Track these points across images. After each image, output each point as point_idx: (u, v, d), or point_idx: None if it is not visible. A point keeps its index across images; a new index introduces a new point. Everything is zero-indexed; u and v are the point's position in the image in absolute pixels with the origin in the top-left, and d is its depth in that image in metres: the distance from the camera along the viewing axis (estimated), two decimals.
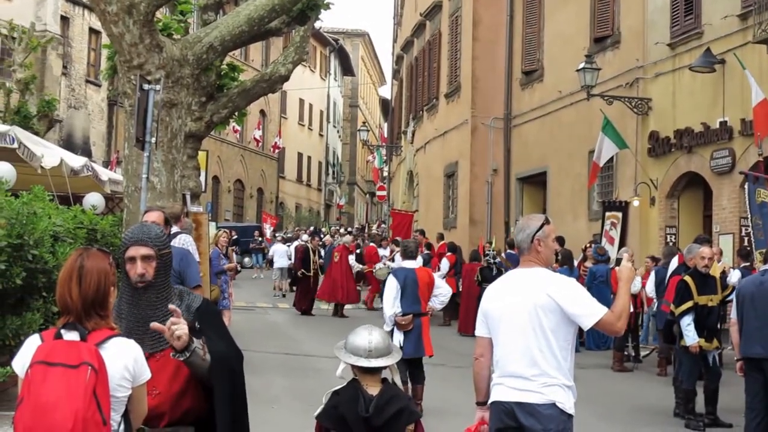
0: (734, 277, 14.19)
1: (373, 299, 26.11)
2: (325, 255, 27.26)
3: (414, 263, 11.65)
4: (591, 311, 5.20)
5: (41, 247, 8.72)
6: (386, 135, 57.31)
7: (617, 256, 17.54)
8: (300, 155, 67.11)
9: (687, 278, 11.25)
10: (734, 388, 10.96)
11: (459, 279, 21.61)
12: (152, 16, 11.83)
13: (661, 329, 14.18)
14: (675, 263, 13.83)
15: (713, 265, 13.12)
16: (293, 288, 31.27)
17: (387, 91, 71.72)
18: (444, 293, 11.70)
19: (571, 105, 23.97)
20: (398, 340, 10.79)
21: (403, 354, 10.40)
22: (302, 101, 65.50)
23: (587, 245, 19.75)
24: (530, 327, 5.20)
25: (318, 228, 49.32)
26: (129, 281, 4.24)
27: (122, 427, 3.77)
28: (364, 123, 68.76)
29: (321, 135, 71.30)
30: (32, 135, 17.73)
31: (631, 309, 14.10)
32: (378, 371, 5.11)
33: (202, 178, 18.66)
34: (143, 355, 3.85)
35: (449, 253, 22.73)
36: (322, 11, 14.19)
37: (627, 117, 21.20)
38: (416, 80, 37.34)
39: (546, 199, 26.33)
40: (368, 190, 76.99)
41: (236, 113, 14.23)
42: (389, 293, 11.22)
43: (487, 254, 20.80)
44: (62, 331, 3.70)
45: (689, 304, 11.02)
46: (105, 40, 16.37)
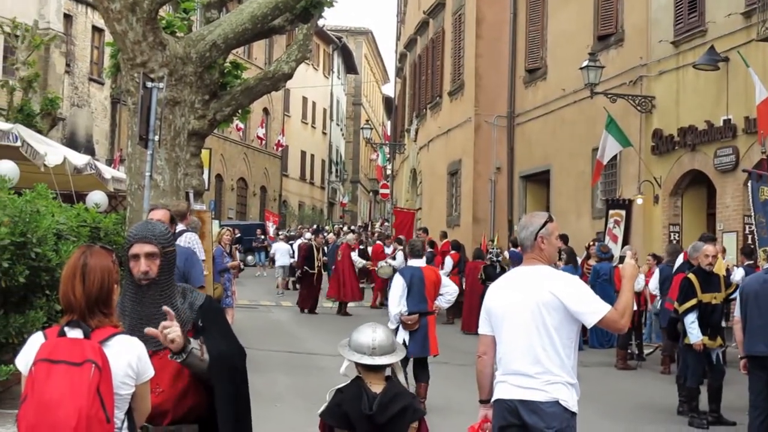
0: (738, 275, 14.18)
1: (377, 297, 26.11)
2: (329, 253, 27.24)
3: (421, 261, 11.64)
4: (594, 309, 5.19)
5: (44, 245, 8.72)
6: (389, 133, 57.32)
7: (620, 254, 17.53)
8: (303, 153, 67.11)
9: (691, 276, 11.23)
10: (738, 386, 10.96)
11: (462, 277, 21.58)
12: (155, 14, 11.84)
13: (665, 327, 14.16)
14: (681, 261, 13.82)
15: (719, 263, 13.13)
16: (296, 286, 31.36)
17: (390, 89, 71.83)
18: (451, 292, 11.68)
19: (575, 103, 23.94)
20: (403, 339, 10.78)
21: (409, 353, 10.44)
22: (305, 99, 65.52)
23: (590, 243, 19.75)
24: (533, 325, 5.19)
25: (321, 226, 49.35)
26: (132, 278, 4.22)
27: (126, 425, 3.76)
28: (368, 121, 68.74)
29: (324, 133, 71.32)
30: (35, 133, 17.71)
31: (635, 307, 14.10)
32: (382, 369, 5.10)
33: (206, 176, 18.71)
34: (147, 353, 3.84)
35: (453, 252, 22.71)
36: (326, 9, 14.20)
37: (630, 115, 21.17)
38: (419, 78, 37.30)
39: (549, 198, 26.30)
40: (371, 188, 77.00)
41: (239, 111, 14.26)
42: (395, 292, 11.21)
43: (491, 252, 20.78)
44: (66, 329, 3.68)
45: (693, 302, 11.01)
46: (108, 38, 16.40)
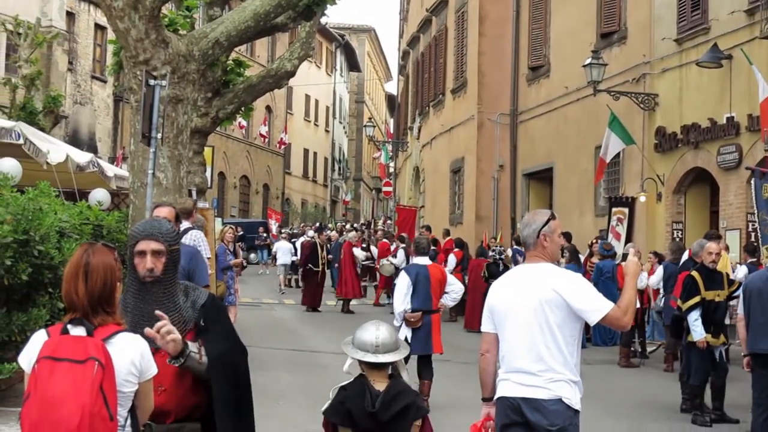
0: (741, 273, 14.17)
1: (380, 295, 26.12)
2: (332, 251, 27.25)
3: (426, 259, 11.62)
4: (597, 306, 5.18)
5: (47, 243, 8.72)
6: (392, 131, 57.26)
7: (623, 252, 17.52)
8: (306, 151, 67.12)
9: (694, 273, 11.23)
10: (741, 384, 10.96)
11: (465, 275, 21.57)
12: (158, 12, 11.83)
13: (668, 325, 14.16)
14: (685, 258, 13.83)
15: (724, 260, 13.12)
16: (298, 284, 31.37)
17: (393, 87, 71.71)
18: (456, 290, 11.66)
19: (578, 101, 23.93)
20: (406, 336, 10.77)
21: (412, 351, 10.41)
22: (308, 97, 65.51)
23: (593, 241, 19.72)
24: (536, 322, 5.19)
25: (323, 224, 49.34)
26: (136, 275, 4.21)
27: (129, 423, 3.76)
28: (370, 119, 68.58)
29: (327, 131, 71.31)
30: (38, 131, 17.71)
31: (638, 305, 14.11)
32: (385, 367, 5.09)
33: (208, 174, 18.64)
34: (150, 351, 3.84)
35: (456, 249, 22.71)
36: (328, 6, 14.16)
37: (634, 112, 21.15)
38: (422, 76, 37.29)
39: (552, 195, 26.30)
40: (374, 186, 76.97)
41: (242, 109, 14.24)
42: (400, 289, 11.21)
43: (494, 250, 20.76)
44: (69, 327, 3.68)
45: (696, 300, 11.00)
46: (111, 36, 16.40)
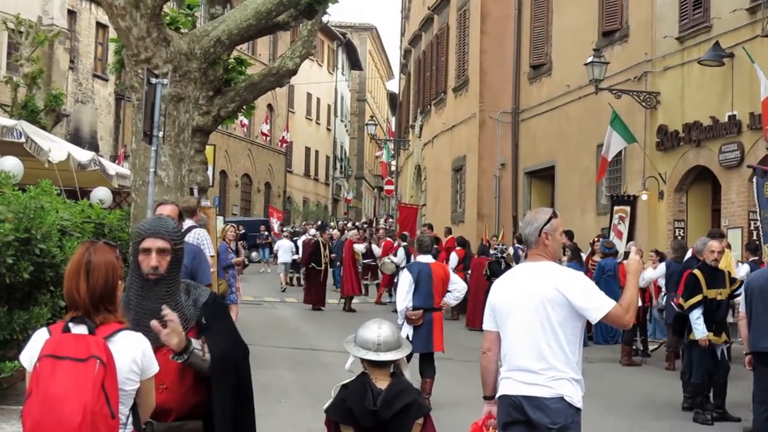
0: (743, 271, 14.15)
1: (382, 294, 26.12)
2: (335, 249, 27.27)
3: (429, 258, 11.61)
4: (599, 305, 5.18)
5: (49, 242, 8.72)
6: (394, 129, 57.26)
7: (625, 250, 17.51)
8: (308, 149, 67.13)
9: (696, 272, 11.22)
10: (743, 382, 10.94)
11: (468, 273, 21.56)
12: (159, 10, 11.83)
13: (671, 323, 14.16)
14: (690, 256, 13.82)
15: (728, 258, 13.09)
16: (300, 282, 31.37)
17: (395, 85, 71.67)
18: (459, 289, 11.65)
19: (580, 99, 23.92)
20: (407, 334, 10.76)
21: (413, 349, 10.42)
22: (310, 95, 65.51)
23: (595, 239, 19.72)
24: (538, 321, 5.18)
25: (325, 222, 49.35)
26: (140, 272, 4.21)
27: (130, 421, 3.76)
28: (372, 117, 68.56)
29: (329, 129, 71.30)
30: (39, 129, 17.71)
31: (639, 303, 14.09)
32: (387, 365, 5.08)
33: (210, 173, 18.64)
34: (151, 348, 3.84)
35: (458, 248, 22.69)
36: (330, 5, 14.16)
37: (635, 111, 21.14)
38: (424, 74, 37.28)
39: (554, 194, 26.28)
40: (376, 185, 76.99)
41: (244, 107, 14.23)
42: (402, 287, 11.22)
43: (496, 248, 20.75)
44: (70, 325, 3.68)
45: (698, 298, 11.00)
46: (112, 34, 16.40)
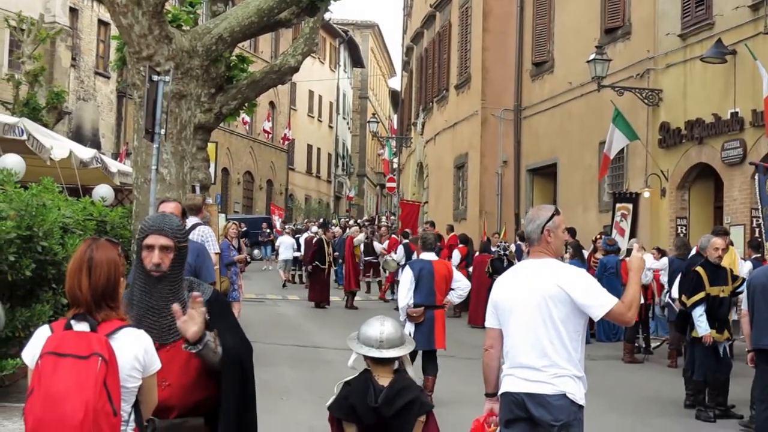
0: (745, 269, 14.13)
1: (386, 291, 26.13)
2: (337, 247, 27.27)
3: (432, 255, 11.59)
4: (601, 302, 5.17)
5: (51, 239, 8.72)
6: (396, 127, 57.32)
7: (627, 247, 17.49)
8: (309, 147, 67.10)
9: (699, 269, 11.21)
10: (745, 380, 10.93)
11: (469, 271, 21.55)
12: (161, 7, 11.82)
13: (673, 320, 14.15)
14: (694, 253, 13.81)
15: (732, 255, 13.06)
16: (302, 280, 31.38)
17: (397, 83, 71.77)
18: (463, 287, 11.65)
19: (582, 96, 23.91)
20: (409, 332, 10.76)
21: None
22: (312, 93, 65.48)
23: (597, 237, 19.72)
24: (540, 318, 5.17)
25: (327, 220, 49.39)
26: (144, 269, 4.21)
27: (132, 418, 3.76)
28: (374, 115, 68.73)
29: (330, 127, 71.28)
30: (41, 127, 17.72)
31: (642, 300, 14.08)
32: (390, 362, 5.08)
33: (212, 170, 18.66)
34: (153, 345, 3.83)
35: (461, 245, 22.68)
36: (332, 2, 14.15)
37: (638, 108, 21.13)
38: (426, 72, 37.27)
39: (556, 191, 26.28)
40: (378, 182, 76.99)
41: (246, 105, 14.23)
42: (404, 284, 11.25)
43: (498, 245, 20.75)
44: (72, 322, 3.67)
45: (701, 295, 10.99)
46: (114, 32, 16.37)
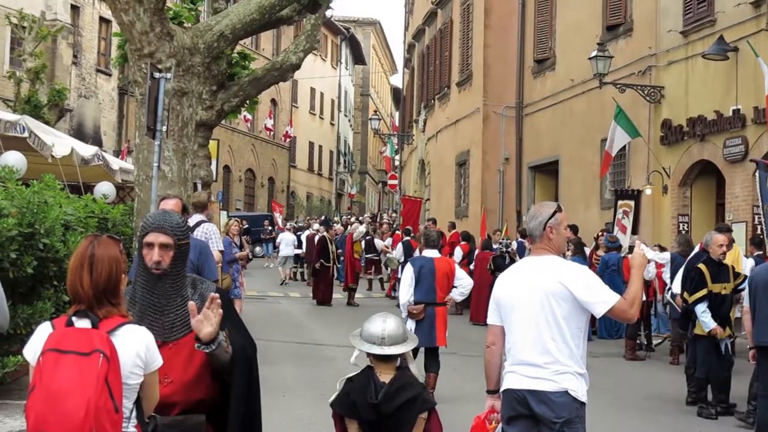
0: (747, 266, 14.12)
1: (392, 287, 26.13)
2: (338, 244, 27.28)
3: (434, 252, 11.57)
4: (604, 298, 5.17)
5: (52, 236, 8.72)
6: (398, 124, 57.27)
7: (629, 244, 17.48)
8: (311, 144, 67.09)
9: (701, 266, 11.20)
10: (747, 377, 10.92)
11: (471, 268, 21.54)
12: (163, 5, 11.83)
13: (676, 318, 14.15)
14: (698, 250, 13.80)
15: (735, 252, 13.04)
16: (303, 277, 31.39)
17: (398, 80, 71.78)
18: (465, 285, 11.63)
19: (583, 93, 23.88)
20: (410, 329, 10.75)
21: None
22: (313, 90, 65.45)
23: (599, 234, 19.71)
24: (542, 315, 5.17)
25: (328, 218, 49.39)
26: (146, 266, 4.20)
27: (134, 415, 3.76)
28: (376, 112, 68.59)
29: (332, 124, 71.26)
30: (43, 124, 17.71)
31: (643, 298, 14.07)
32: (392, 359, 5.08)
33: (213, 167, 18.68)
34: (155, 342, 3.83)
35: (463, 242, 22.67)
36: None
37: (639, 105, 21.10)
38: (428, 69, 37.25)
39: (558, 188, 26.25)
40: (380, 180, 76.95)
41: (247, 102, 14.23)
42: (404, 281, 11.25)
43: (500, 242, 20.74)
44: (73, 319, 3.67)
45: (704, 292, 10.98)
46: (115, 29, 16.39)
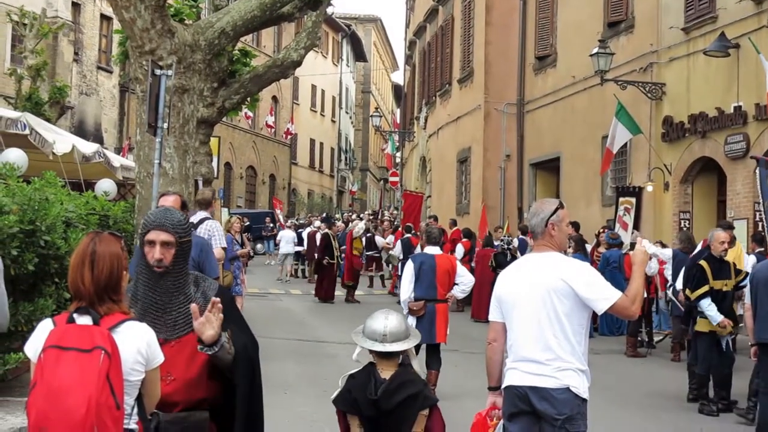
0: (749, 263, 14.11)
1: (395, 284, 26.15)
2: (340, 241, 27.29)
3: (436, 249, 11.56)
4: (605, 295, 5.17)
5: (53, 233, 8.71)
6: (399, 121, 57.28)
7: (631, 241, 17.48)
8: (312, 141, 67.07)
9: (703, 263, 11.20)
10: (749, 374, 10.92)
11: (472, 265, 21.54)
12: (164, 1, 11.83)
13: (677, 315, 14.16)
14: (702, 247, 13.81)
15: (738, 249, 13.03)
16: (305, 275, 31.37)
17: (399, 77, 71.72)
18: (466, 282, 11.63)
19: (585, 90, 23.87)
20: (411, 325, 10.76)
21: None
22: (314, 87, 65.44)
23: (600, 231, 19.70)
24: (544, 312, 5.18)
25: (329, 215, 49.39)
26: (147, 264, 4.21)
27: (135, 411, 3.76)
28: (377, 109, 68.59)
29: (333, 121, 71.24)
30: (44, 121, 17.71)
31: (644, 294, 14.06)
32: (394, 356, 5.08)
33: (214, 164, 18.69)
34: (156, 339, 3.83)
35: (464, 239, 22.67)
36: None
37: (641, 102, 21.08)
38: (429, 66, 37.23)
39: (559, 185, 26.23)
40: (381, 176, 76.95)
41: (248, 99, 14.23)
42: (405, 278, 11.25)
43: (502, 239, 20.74)
44: (75, 316, 3.67)
45: (705, 289, 10.98)
46: (116, 26, 16.38)
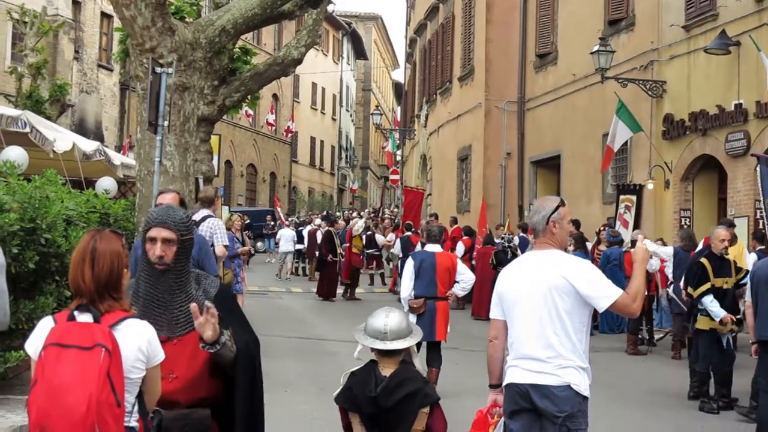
0: (750, 260, 14.11)
1: (395, 281, 26.15)
2: (340, 239, 27.31)
3: (437, 247, 11.56)
4: (606, 293, 5.16)
5: (54, 231, 8.71)
6: (399, 119, 57.27)
7: (632, 239, 17.47)
8: (313, 139, 67.08)
9: (703, 260, 11.20)
10: (749, 371, 10.91)
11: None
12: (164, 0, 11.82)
13: (678, 313, 14.18)
14: (703, 245, 13.81)
15: (739, 247, 13.01)
16: (306, 273, 31.38)
17: (400, 75, 71.74)
18: (467, 280, 11.62)
19: (585, 88, 23.87)
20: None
21: None
22: (315, 85, 65.44)
23: (601, 229, 19.70)
24: (545, 309, 5.17)
25: (329, 213, 49.39)
26: (149, 261, 4.21)
27: (136, 409, 3.76)
28: (377, 107, 68.53)
29: (334, 119, 71.25)
30: (44, 119, 17.70)
31: (645, 292, 14.06)
32: (395, 354, 5.08)
33: (215, 162, 18.66)
34: (157, 336, 3.83)
35: (465, 237, 22.66)
36: None
37: (641, 100, 21.08)
38: (429, 63, 37.23)
39: (560, 183, 26.24)
40: (381, 174, 76.93)
41: (249, 97, 14.24)
42: (405, 275, 11.26)
43: (503, 237, 20.74)
44: (75, 313, 3.66)
45: (707, 286, 10.98)
46: (117, 24, 16.39)
